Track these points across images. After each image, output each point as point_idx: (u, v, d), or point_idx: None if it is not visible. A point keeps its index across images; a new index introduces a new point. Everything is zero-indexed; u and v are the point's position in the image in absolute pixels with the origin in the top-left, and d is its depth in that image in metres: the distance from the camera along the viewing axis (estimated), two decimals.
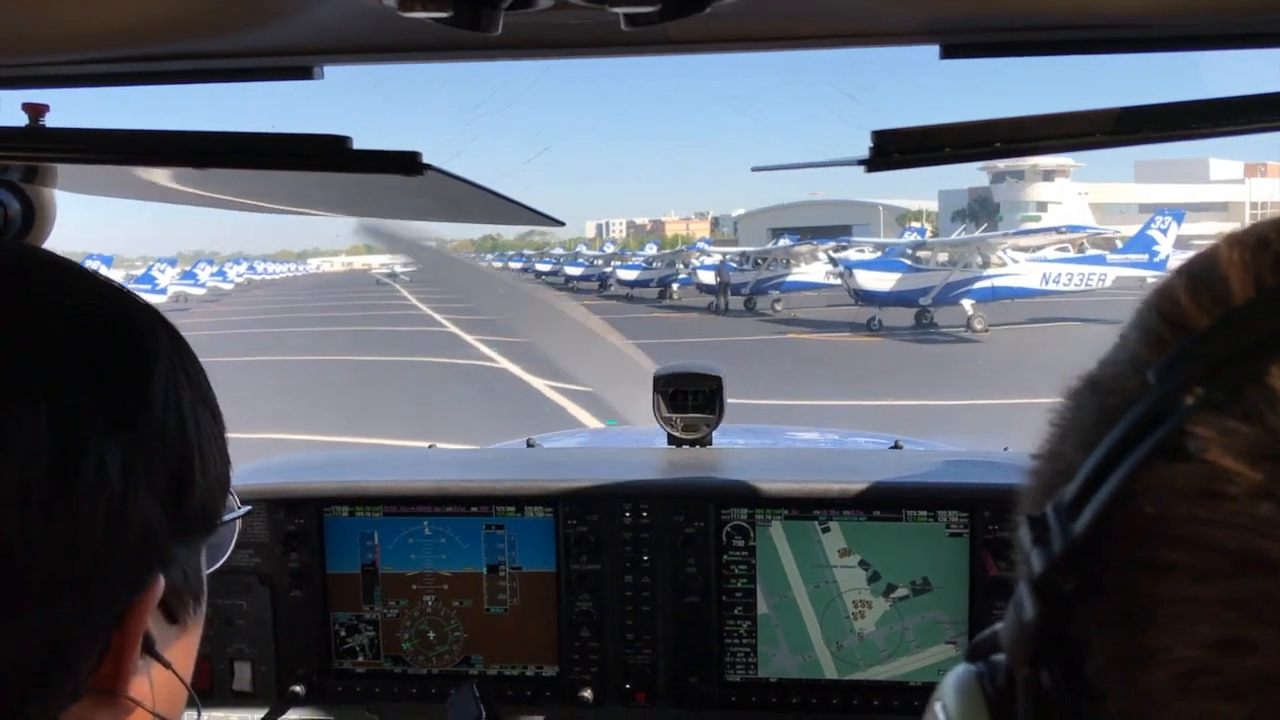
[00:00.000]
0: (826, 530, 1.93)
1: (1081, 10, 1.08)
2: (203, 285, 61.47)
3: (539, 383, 19.41)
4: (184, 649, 0.81)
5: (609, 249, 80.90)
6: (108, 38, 1.12)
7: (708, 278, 43.09)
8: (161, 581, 0.73)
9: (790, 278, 41.17)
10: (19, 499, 0.63)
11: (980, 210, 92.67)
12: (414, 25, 0.85)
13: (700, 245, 66.42)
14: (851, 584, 1.93)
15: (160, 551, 0.73)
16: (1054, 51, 1.16)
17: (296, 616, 2.05)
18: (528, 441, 2.85)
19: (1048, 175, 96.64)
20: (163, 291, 49.67)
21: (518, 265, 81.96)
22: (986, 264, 31.33)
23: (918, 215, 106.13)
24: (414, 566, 2.03)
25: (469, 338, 29.30)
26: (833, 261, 35.37)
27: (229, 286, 71.69)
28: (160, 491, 0.72)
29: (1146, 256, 32.95)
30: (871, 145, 1.05)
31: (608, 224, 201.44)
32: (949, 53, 1.12)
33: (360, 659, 2.07)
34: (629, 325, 32.89)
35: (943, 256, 32.14)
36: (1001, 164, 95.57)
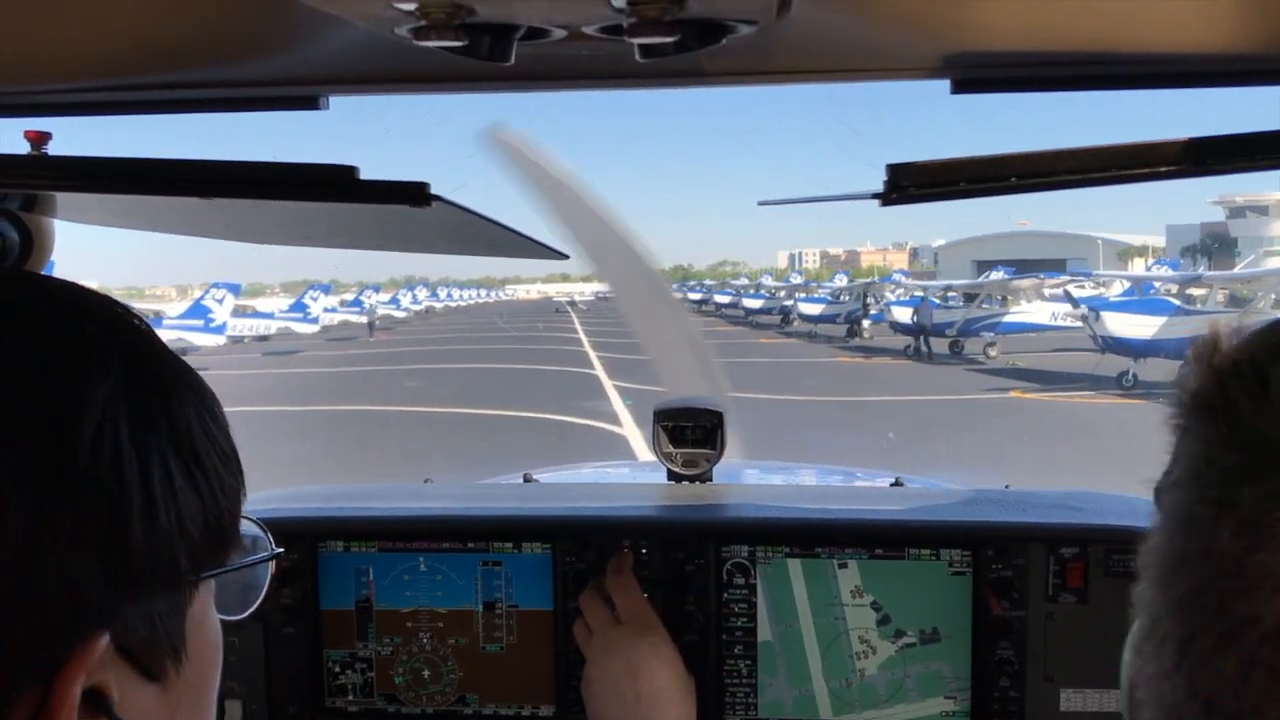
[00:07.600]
0: (844, 566, 1.90)
1: (1093, 46, 1.10)
2: (370, 312, 60.36)
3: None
4: (171, 706, 0.75)
5: (795, 279, 74.79)
6: (113, 66, 1.13)
7: (902, 314, 36.93)
8: (104, 640, 0.68)
9: (1008, 318, 34.50)
10: None
11: (1215, 247, 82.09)
12: (425, 55, 0.87)
13: (896, 277, 59.60)
14: (860, 623, 1.90)
15: (96, 607, 0.68)
16: (1065, 87, 1.19)
17: (289, 653, 2.03)
18: (525, 476, 2.84)
19: None
20: (314, 320, 47.92)
21: (696, 296, 77.45)
22: None
23: (1141, 250, 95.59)
24: (409, 603, 2.00)
25: (609, 384, 24.76)
26: (1071, 300, 28.60)
27: (402, 314, 71.02)
28: (93, 543, 0.68)
29: None
30: (886, 179, 1.06)
31: (800, 254, 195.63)
32: (960, 87, 1.16)
33: (353, 697, 2.04)
34: (802, 373, 27.33)
35: (1221, 295, 24.90)
36: (1240, 198, 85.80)
